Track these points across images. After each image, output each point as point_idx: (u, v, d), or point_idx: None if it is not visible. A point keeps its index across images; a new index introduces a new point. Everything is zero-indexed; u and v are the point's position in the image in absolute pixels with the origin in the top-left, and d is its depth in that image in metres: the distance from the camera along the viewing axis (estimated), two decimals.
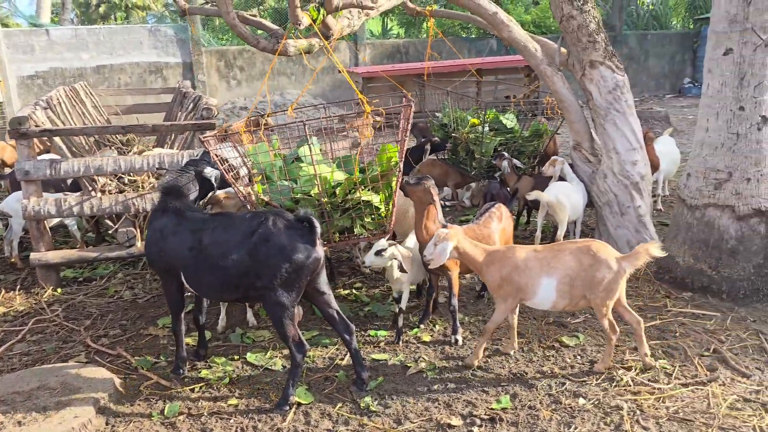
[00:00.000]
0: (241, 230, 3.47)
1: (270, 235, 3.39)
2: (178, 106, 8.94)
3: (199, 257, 3.53)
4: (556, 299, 3.66)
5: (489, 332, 3.82)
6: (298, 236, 3.41)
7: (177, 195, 3.81)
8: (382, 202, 4.20)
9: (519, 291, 3.68)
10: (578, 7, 5.12)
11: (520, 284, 3.66)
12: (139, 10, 26.76)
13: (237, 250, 3.42)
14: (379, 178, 4.15)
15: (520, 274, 3.66)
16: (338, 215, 4.14)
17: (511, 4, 18.66)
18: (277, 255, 3.36)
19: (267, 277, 3.38)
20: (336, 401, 3.55)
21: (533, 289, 3.66)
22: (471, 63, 11.68)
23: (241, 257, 3.41)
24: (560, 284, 3.61)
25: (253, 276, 3.42)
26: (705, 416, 3.29)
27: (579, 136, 5.56)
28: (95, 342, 4.37)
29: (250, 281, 3.44)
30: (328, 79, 15.87)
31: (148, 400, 3.63)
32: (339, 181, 4.18)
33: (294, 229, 3.43)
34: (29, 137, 5.17)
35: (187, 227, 3.63)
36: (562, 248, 3.72)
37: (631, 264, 3.62)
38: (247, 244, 3.41)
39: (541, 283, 3.64)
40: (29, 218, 5.17)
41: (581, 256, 3.62)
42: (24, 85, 14.05)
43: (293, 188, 4.17)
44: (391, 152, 4.21)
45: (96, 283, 5.50)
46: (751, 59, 4.40)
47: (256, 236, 3.40)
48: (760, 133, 4.50)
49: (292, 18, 3.99)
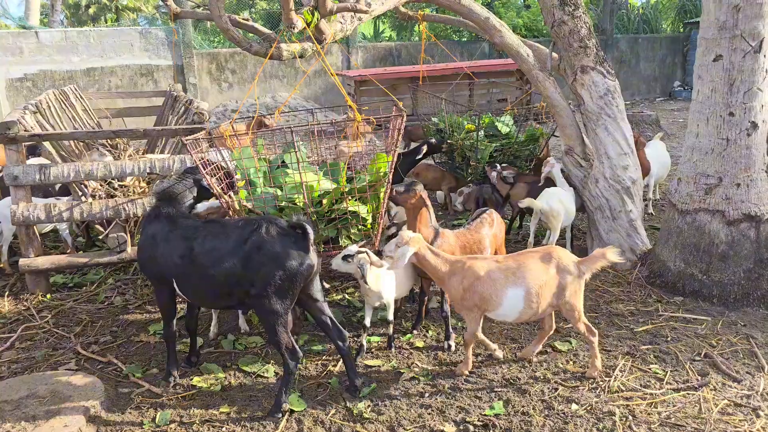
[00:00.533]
0: (233, 238, 3.44)
1: (263, 243, 3.37)
2: (170, 109, 8.89)
3: (191, 265, 3.50)
4: (524, 309, 3.61)
5: (469, 344, 3.80)
6: (292, 243, 3.39)
7: (171, 201, 3.79)
8: (369, 213, 4.17)
9: (483, 302, 3.62)
10: (569, 13, 5.14)
11: (484, 295, 3.60)
12: (130, 12, 26.62)
13: (229, 258, 3.40)
14: (368, 189, 4.12)
15: (483, 285, 3.59)
16: (323, 225, 4.10)
17: (503, 8, 18.72)
18: (271, 263, 3.34)
19: (260, 285, 3.36)
20: (329, 408, 3.54)
21: (498, 301, 3.60)
22: (464, 66, 11.71)
23: (234, 265, 3.39)
24: (528, 294, 3.57)
25: (246, 284, 3.40)
26: (697, 421, 3.31)
27: (571, 141, 5.58)
28: (85, 349, 4.33)
29: (244, 289, 3.42)
30: (320, 82, 15.84)
31: (140, 408, 3.60)
32: (326, 190, 4.14)
33: (287, 236, 3.41)
34: (18, 142, 5.12)
35: (179, 234, 3.60)
36: (525, 258, 3.68)
37: (589, 268, 3.67)
38: (240, 252, 3.38)
39: (506, 294, 3.58)
40: (18, 224, 5.12)
41: (545, 265, 3.62)
42: (12, 88, 13.92)
43: (278, 196, 4.13)
44: (380, 163, 4.18)
45: (86, 289, 5.45)
46: (741, 65, 4.44)
47: (249, 244, 3.38)
48: (749, 138, 4.53)
49: (286, 21, 3.98)
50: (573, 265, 3.65)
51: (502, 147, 6.52)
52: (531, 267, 3.60)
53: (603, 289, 5.00)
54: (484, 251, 4.26)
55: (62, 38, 14.20)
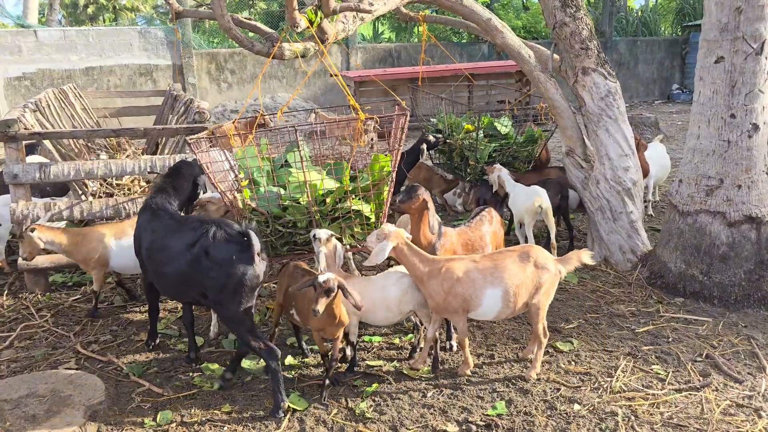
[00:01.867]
0: (185, 239, 3.47)
1: (209, 248, 3.35)
2: (169, 109, 8.87)
3: (151, 258, 3.64)
4: (502, 309, 3.62)
5: (464, 344, 3.79)
6: (237, 251, 3.34)
7: (159, 193, 3.88)
8: (372, 212, 4.18)
9: (464, 303, 3.60)
10: (571, 15, 5.15)
11: (465, 296, 3.59)
12: (128, 12, 26.59)
13: (179, 259, 3.45)
14: (371, 188, 4.12)
15: (463, 286, 3.58)
16: (327, 224, 4.10)
17: (502, 10, 18.77)
18: (216, 269, 3.33)
19: (212, 291, 3.38)
20: (331, 408, 3.53)
21: (477, 301, 3.60)
22: (463, 68, 11.72)
23: (182, 267, 3.44)
24: (506, 294, 3.58)
25: (197, 285, 3.44)
26: (699, 422, 3.31)
27: (571, 142, 5.59)
28: (85, 348, 4.31)
29: (197, 290, 3.48)
30: (319, 83, 15.85)
31: (140, 408, 3.59)
32: (330, 189, 4.14)
33: (234, 243, 3.36)
34: (18, 140, 5.10)
35: (152, 227, 3.71)
36: (503, 257, 3.68)
37: (566, 267, 3.71)
38: (189, 255, 3.41)
39: (485, 294, 3.58)
40: (17, 222, 5.09)
41: (523, 264, 3.63)
42: (11, 87, 13.89)
43: (281, 195, 4.13)
44: (383, 162, 4.19)
45: (85, 287, 5.42)
46: (742, 67, 4.45)
47: (197, 247, 3.38)
48: (750, 140, 4.54)
49: (290, 20, 3.97)
50: (552, 263, 3.68)
51: (501, 147, 6.52)
52: (508, 267, 3.60)
53: (604, 290, 5.01)
54: (486, 248, 4.27)
55: (61, 37, 14.17)
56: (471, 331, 4.40)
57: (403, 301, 3.73)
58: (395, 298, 3.72)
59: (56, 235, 4.59)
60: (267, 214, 4.05)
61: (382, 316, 3.76)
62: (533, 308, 3.67)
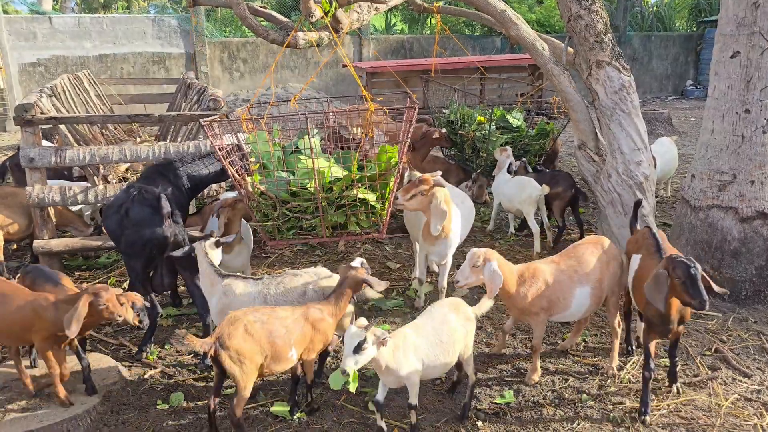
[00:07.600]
0: (118, 199, 3.99)
1: (129, 209, 3.83)
2: (183, 96, 8.92)
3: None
4: (590, 306, 3.62)
5: (538, 350, 3.67)
6: (150, 213, 3.80)
7: (145, 179, 4.34)
8: (378, 201, 4.21)
9: (551, 305, 3.55)
10: (586, 7, 5.12)
11: (552, 299, 3.53)
12: (141, 0, 26.65)
13: (113, 216, 3.94)
14: (378, 178, 4.14)
15: (551, 289, 3.53)
16: (333, 211, 4.13)
17: (516, 3, 18.63)
18: (132, 227, 3.81)
19: (123, 245, 3.91)
20: (340, 392, 3.57)
21: (566, 302, 3.57)
22: (476, 60, 11.68)
23: (114, 224, 3.92)
24: (593, 290, 3.60)
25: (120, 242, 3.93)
26: (707, 414, 3.32)
27: (584, 136, 5.57)
28: (98, 331, 4.37)
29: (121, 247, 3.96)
30: (331, 73, 15.85)
31: (153, 389, 3.65)
32: (337, 177, 4.16)
33: (150, 206, 3.81)
34: (35, 124, 5.16)
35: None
36: (580, 252, 3.69)
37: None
38: (118, 215, 3.91)
39: (574, 293, 3.56)
40: (33, 206, 5.16)
41: (600, 255, 3.65)
42: (25, 72, 14.00)
43: (290, 180, 4.16)
44: (390, 153, 4.21)
45: (98, 272, 5.49)
46: (758, 62, 4.42)
47: (122, 209, 3.87)
48: (765, 136, 4.52)
49: (305, 10, 3.99)
50: (617, 252, 3.76)
51: (512, 140, 6.52)
52: (590, 261, 3.59)
53: None
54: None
55: (76, 24, 14.25)
56: (480, 322, 4.42)
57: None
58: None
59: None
60: (275, 198, 4.09)
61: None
62: (611, 302, 3.71)
